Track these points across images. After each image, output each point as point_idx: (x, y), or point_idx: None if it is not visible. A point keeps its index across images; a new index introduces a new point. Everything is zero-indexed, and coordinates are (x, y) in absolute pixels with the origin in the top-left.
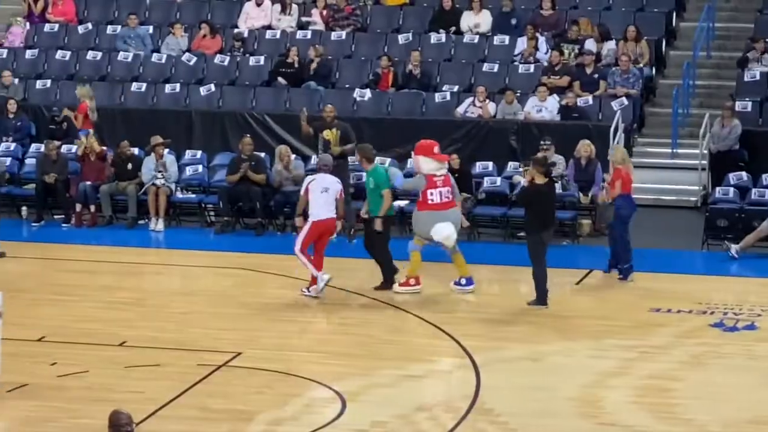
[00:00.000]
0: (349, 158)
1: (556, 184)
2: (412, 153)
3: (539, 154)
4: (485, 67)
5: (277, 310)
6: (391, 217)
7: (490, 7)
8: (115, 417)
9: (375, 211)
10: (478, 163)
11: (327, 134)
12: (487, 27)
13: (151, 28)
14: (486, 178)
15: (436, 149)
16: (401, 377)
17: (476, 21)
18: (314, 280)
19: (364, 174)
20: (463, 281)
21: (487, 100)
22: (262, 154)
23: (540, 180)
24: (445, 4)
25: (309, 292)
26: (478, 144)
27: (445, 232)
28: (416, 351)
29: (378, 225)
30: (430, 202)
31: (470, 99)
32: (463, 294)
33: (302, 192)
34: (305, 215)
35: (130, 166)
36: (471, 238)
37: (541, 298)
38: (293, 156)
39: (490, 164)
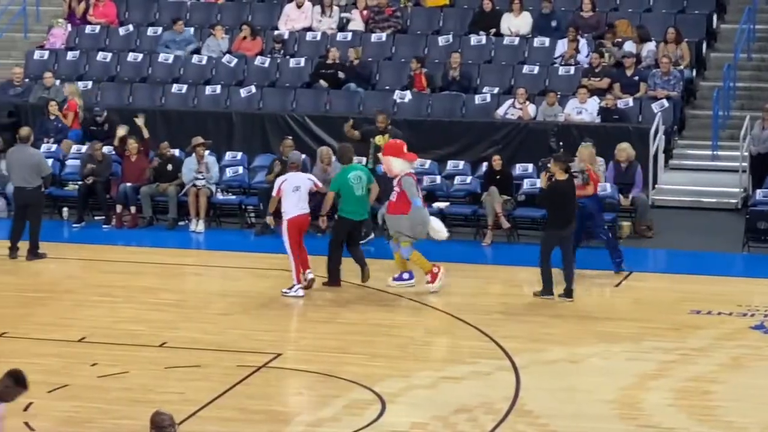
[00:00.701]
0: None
1: (575, 180)
2: (381, 155)
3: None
4: (525, 68)
5: (317, 311)
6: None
7: (530, 8)
8: (157, 418)
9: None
10: (517, 165)
11: (379, 140)
12: (528, 29)
13: (192, 30)
14: (526, 180)
15: (405, 149)
16: (441, 379)
17: (516, 23)
18: (299, 280)
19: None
20: (406, 275)
21: (527, 102)
22: (303, 156)
23: (561, 177)
24: (486, 6)
25: (290, 292)
26: (518, 146)
27: (440, 225)
28: (456, 353)
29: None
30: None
31: (510, 101)
32: (402, 287)
33: (274, 193)
34: (277, 215)
35: (170, 167)
36: (510, 239)
37: (547, 290)
38: (334, 158)
39: (530, 166)
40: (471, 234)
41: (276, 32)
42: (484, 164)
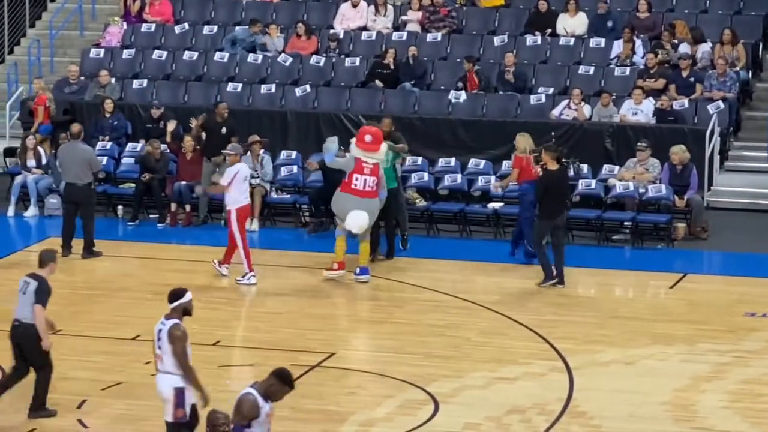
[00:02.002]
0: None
1: (568, 169)
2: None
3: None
4: (581, 69)
5: (371, 311)
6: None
7: (586, 9)
8: (212, 417)
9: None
10: (572, 166)
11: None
12: (583, 29)
13: (248, 29)
14: (581, 181)
15: (368, 138)
16: (494, 379)
17: (572, 23)
18: (251, 268)
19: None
20: (358, 270)
21: (583, 103)
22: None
23: (552, 166)
24: (541, 7)
25: (243, 279)
26: (573, 146)
27: (358, 222)
28: (510, 353)
29: None
30: (353, 186)
31: (565, 101)
32: (357, 282)
33: (227, 182)
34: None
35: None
36: (565, 240)
37: (548, 275)
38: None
39: (585, 167)
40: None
41: (331, 31)
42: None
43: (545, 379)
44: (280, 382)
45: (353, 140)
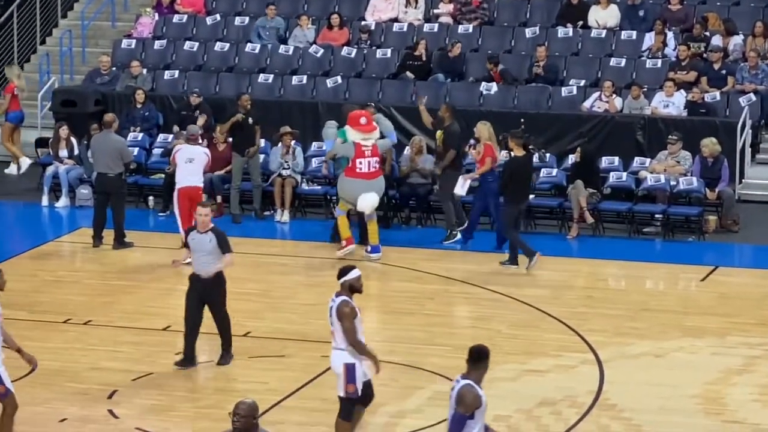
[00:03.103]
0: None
1: (534, 156)
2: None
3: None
4: (612, 61)
5: (401, 303)
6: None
7: (617, 1)
8: (240, 406)
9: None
10: (603, 158)
11: (438, 134)
12: (615, 21)
13: (266, 18)
14: (612, 173)
15: (363, 120)
16: (525, 372)
17: (603, 15)
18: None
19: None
20: (369, 248)
21: (614, 95)
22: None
23: (518, 152)
24: None
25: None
26: (604, 138)
27: (370, 202)
28: (540, 346)
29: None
30: (358, 170)
31: (597, 93)
32: (369, 260)
33: (171, 159)
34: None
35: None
36: (596, 233)
37: (528, 253)
38: (425, 148)
39: (616, 159)
40: (556, 227)
41: (363, 23)
42: (570, 157)
43: (576, 372)
44: (485, 360)
45: (347, 127)
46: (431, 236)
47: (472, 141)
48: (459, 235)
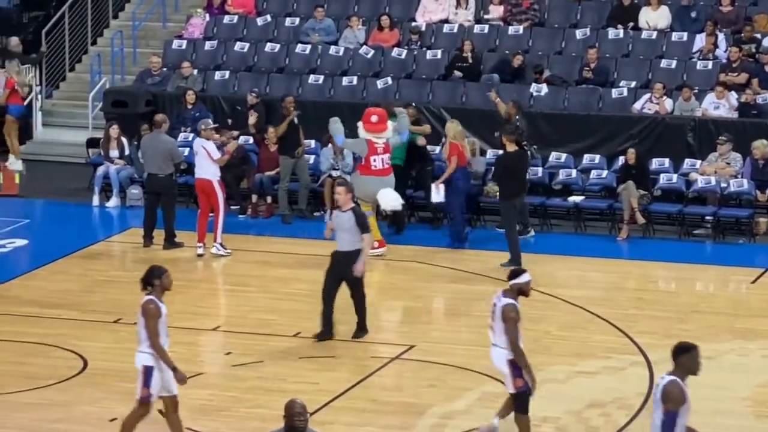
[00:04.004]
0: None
1: (528, 152)
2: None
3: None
4: (663, 63)
5: (450, 304)
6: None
7: (668, 2)
8: (290, 407)
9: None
10: (654, 160)
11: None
12: (666, 23)
13: (314, 20)
14: (662, 175)
15: (374, 118)
16: (574, 373)
17: (654, 16)
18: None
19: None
20: (375, 244)
21: (665, 97)
22: (437, 149)
23: (511, 148)
24: (625, 0)
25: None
26: (655, 140)
27: (392, 200)
28: (590, 347)
29: None
30: (372, 167)
31: (647, 95)
32: (374, 257)
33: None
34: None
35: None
36: (646, 234)
37: (515, 259)
38: (479, 152)
39: (666, 161)
40: (606, 228)
41: (413, 24)
42: (621, 158)
43: (625, 374)
44: (695, 351)
45: (360, 123)
46: (480, 237)
47: (443, 140)
48: (532, 231)
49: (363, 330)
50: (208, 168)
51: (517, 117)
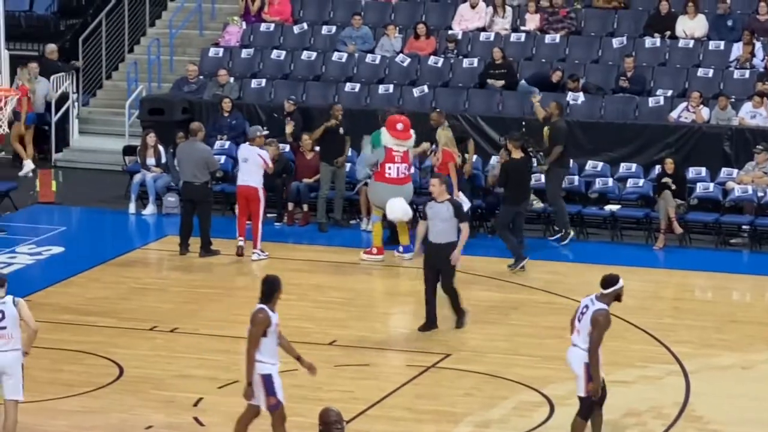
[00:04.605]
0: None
1: (533, 159)
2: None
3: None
4: (700, 71)
5: (486, 312)
6: None
7: (705, 11)
8: (325, 415)
9: None
10: (690, 169)
11: (545, 130)
12: (703, 31)
13: (352, 28)
14: (699, 184)
15: (400, 126)
16: (610, 382)
17: (691, 25)
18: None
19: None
20: (401, 248)
21: (701, 105)
22: (474, 157)
23: (517, 155)
24: (662, 8)
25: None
26: (691, 149)
27: (399, 211)
28: (626, 356)
29: None
30: (387, 175)
31: (684, 104)
32: (401, 259)
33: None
34: None
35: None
36: (682, 243)
37: (518, 256)
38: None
39: (703, 170)
40: (643, 237)
41: (449, 32)
42: (657, 167)
43: (662, 383)
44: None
45: (383, 129)
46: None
47: (433, 147)
48: (572, 233)
49: (462, 318)
50: (256, 175)
51: (558, 117)
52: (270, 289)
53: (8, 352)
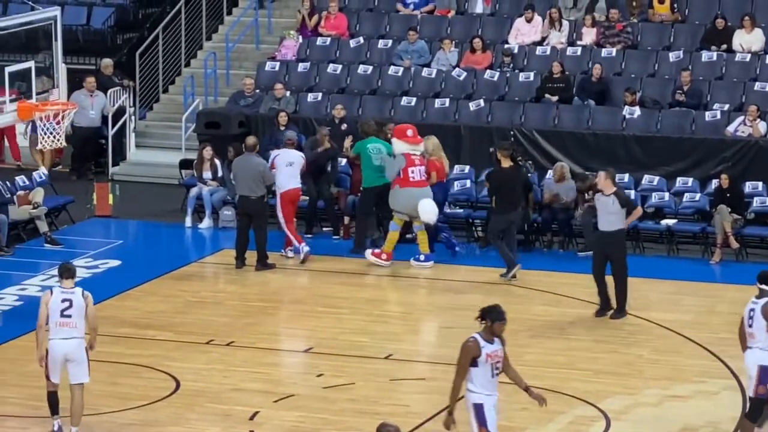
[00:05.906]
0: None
1: (522, 168)
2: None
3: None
4: (756, 86)
5: (543, 327)
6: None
7: (762, 25)
8: (383, 429)
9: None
10: (747, 183)
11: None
12: (760, 45)
13: (423, 43)
14: (755, 198)
15: (410, 132)
16: (667, 397)
17: (748, 39)
18: (290, 243)
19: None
20: (422, 257)
21: (758, 119)
22: (546, 175)
23: (506, 164)
24: (719, 24)
25: (286, 252)
26: (748, 163)
27: (432, 212)
28: (682, 371)
29: None
30: (411, 179)
31: (741, 118)
32: (421, 269)
33: (269, 167)
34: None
35: None
36: (739, 258)
37: (510, 264)
38: (568, 174)
39: (760, 184)
40: (699, 252)
41: (506, 46)
42: (714, 181)
43: (718, 398)
44: None
45: (394, 140)
46: (572, 260)
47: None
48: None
49: (621, 312)
50: (299, 178)
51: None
52: (483, 317)
53: (73, 339)
